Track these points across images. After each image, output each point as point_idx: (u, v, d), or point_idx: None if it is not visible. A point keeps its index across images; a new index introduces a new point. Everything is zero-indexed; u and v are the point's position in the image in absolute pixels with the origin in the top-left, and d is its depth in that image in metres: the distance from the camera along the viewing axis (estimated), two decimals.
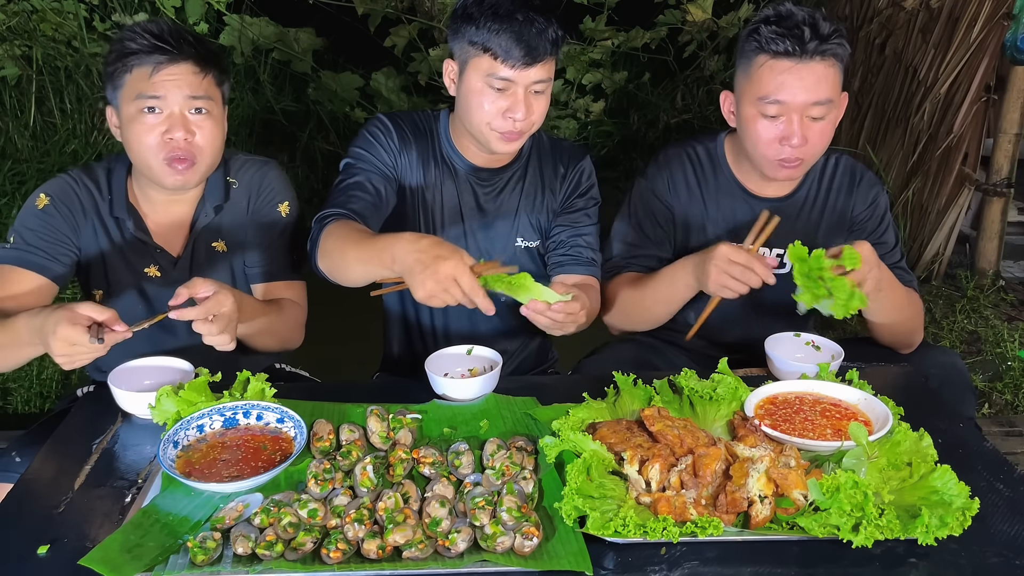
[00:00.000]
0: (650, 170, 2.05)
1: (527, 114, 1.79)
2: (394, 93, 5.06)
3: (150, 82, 1.72)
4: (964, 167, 4.04)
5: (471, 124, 1.84)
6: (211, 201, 1.90)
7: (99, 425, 1.56)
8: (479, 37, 1.74)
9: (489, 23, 1.73)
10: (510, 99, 1.77)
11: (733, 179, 2.00)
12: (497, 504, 1.26)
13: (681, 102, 5.82)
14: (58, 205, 1.83)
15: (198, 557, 1.18)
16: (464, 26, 1.77)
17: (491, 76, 1.76)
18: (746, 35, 1.85)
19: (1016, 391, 3.24)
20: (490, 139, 1.83)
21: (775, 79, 1.78)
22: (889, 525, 1.19)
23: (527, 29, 1.72)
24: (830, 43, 1.77)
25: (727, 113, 1.96)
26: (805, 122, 1.80)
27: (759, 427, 1.43)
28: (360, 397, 1.63)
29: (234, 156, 1.97)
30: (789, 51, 1.76)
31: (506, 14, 1.73)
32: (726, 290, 1.70)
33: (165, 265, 1.89)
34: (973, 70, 3.97)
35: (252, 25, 4.72)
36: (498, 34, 1.72)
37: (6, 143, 4.48)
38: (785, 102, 1.79)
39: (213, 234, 1.92)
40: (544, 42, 1.74)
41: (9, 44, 4.46)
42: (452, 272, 1.42)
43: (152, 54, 1.72)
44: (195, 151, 1.78)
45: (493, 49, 1.73)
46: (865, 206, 2.03)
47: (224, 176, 1.92)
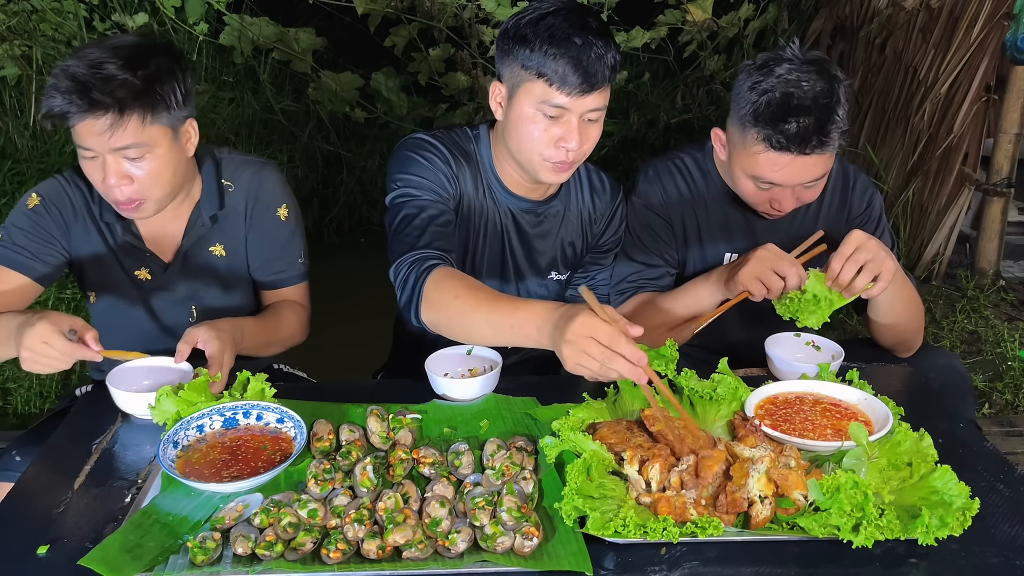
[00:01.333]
0: (641, 186, 2.01)
1: (581, 143, 1.68)
2: (394, 93, 5.06)
3: (76, 131, 1.65)
4: (964, 167, 4.04)
5: (519, 151, 1.73)
6: (207, 210, 1.87)
7: (99, 425, 1.56)
8: (533, 61, 1.63)
9: (545, 47, 1.61)
10: (564, 127, 1.67)
11: (725, 189, 1.99)
12: (497, 504, 1.26)
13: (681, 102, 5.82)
14: (48, 206, 1.82)
15: (198, 557, 1.18)
16: (517, 48, 1.65)
17: (545, 103, 1.65)
18: (746, 102, 1.74)
19: (1016, 391, 3.24)
20: (539, 169, 1.73)
21: (769, 167, 1.75)
22: (889, 525, 1.18)
23: (585, 54, 1.61)
24: (830, 140, 1.71)
25: (718, 147, 1.92)
26: (798, 190, 1.81)
27: (759, 427, 1.43)
28: (360, 397, 1.63)
29: (228, 157, 1.93)
30: (788, 149, 1.71)
31: (563, 37, 1.61)
32: (757, 283, 1.69)
33: (155, 269, 1.88)
34: (973, 70, 3.97)
35: (252, 25, 4.71)
36: (555, 59, 1.61)
37: (6, 143, 4.48)
38: (779, 183, 1.78)
39: (211, 240, 1.90)
40: (603, 68, 1.63)
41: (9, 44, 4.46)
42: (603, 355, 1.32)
43: (70, 105, 1.61)
44: (139, 192, 1.70)
45: (548, 75, 1.62)
46: (861, 209, 2.02)
47: (218, 180, 1.88)
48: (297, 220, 1.98)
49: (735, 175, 1.86)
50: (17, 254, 1.79)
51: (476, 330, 1.50)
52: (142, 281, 1.88)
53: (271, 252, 1.95)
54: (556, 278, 1.99)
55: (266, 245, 1.94)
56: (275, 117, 4.98)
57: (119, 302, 1.90)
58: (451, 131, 1.85)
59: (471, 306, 1.48)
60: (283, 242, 1.95)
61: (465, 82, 5.04)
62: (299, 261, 1.99)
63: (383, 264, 1.69)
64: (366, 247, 4.78)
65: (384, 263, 1.68)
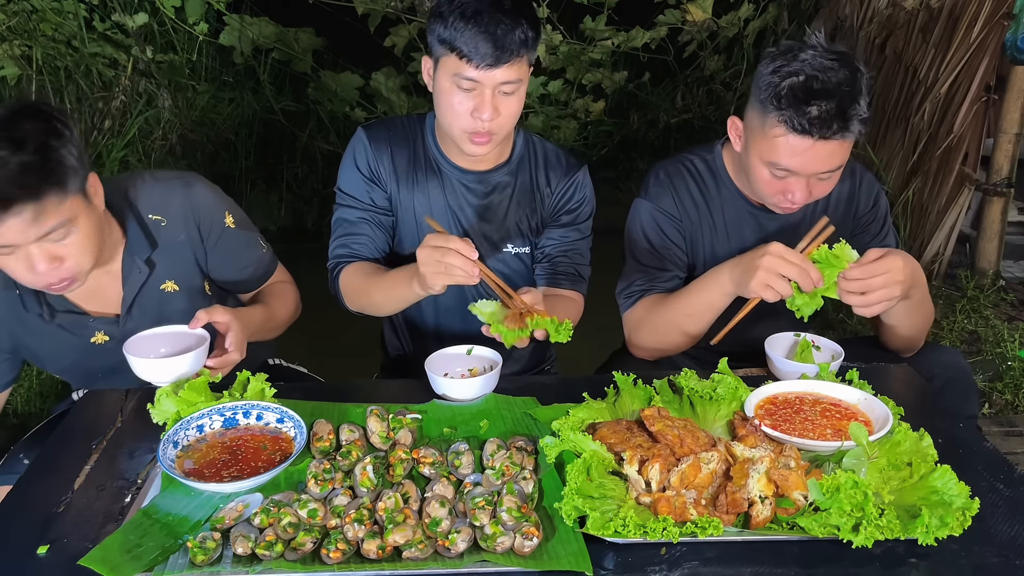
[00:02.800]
0: (652, 188, 2.00)
1: (494, 115, 1.74)
2: (394, 93, 5.06)
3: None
4: (964, 167, 4.04)
5: (444, 123, 1.83)
6: (139, 254, 1.76)
7: (99, 425, 1.56)
8: (447, 35, 1.71)
9: (456, 22, 1.69)
10: (477, 99, 1.74)
11: (735, 190, 1.98)
12: (497, 504, 1.26)
13: (681, 102, 5.82)
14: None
15: (198, 557, 1.18)
16: (435, 23, 1.74)
17: (458, 76, 1.72)
18: (767, 85, 1.73)
19: (1016, 391, 3.24)
20: (460, 140, 1.81)
21: (788, 151, 1.73)
22: (889, 525, 1.18)
23: (493, 28, 1.68)
24: (851, 127, 1.70)
25: (734, 138, 1.90)
26: (812, 181, 1.78)
27: (759, 427, 1.43)
28: (360, 397, 1.63)
29: (145, 187, 1.78)
30: (808, 132, 1.69)
31: (472, 13, 1.69)
32: (770, 290, 1.66)
33: (110, 329, 1.79)
34: (973, 70, 3.97)
35: (252, 25, 4.72)
36: (463, 33, 1.68)
37: None
38: (796, 171, 1.76)
39: (158, 279, 1.80)
40: (512, 42, 1.69)
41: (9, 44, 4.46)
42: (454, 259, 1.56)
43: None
44: (70, 269, 1.58)
45: (459, 48, 1.70)
46: (868, 208, 2.02)
47: (141, 219, 1.76)
48: (241, 216, 1.91)
49: (750, 164, 1.83)
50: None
51: (379, 302, 1.86)
52: (102, 346, 1.79)
53: (238, 262, 1.92)
54: (514, 251, 2.02)
55: (229, 257, 1.89)
56: (275, 117, 4.99)
57: (88, 369, 1.83)
58: (396, 118, 2.01)
59: (369, 286, 1.85)
60: (243, 245, 1.91)
61: None
62: (262, 250, 1.97)
63: None
64: None
65: None
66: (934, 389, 1.83)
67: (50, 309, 1.73)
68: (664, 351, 1.95)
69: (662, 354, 1.97)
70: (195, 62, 4.81)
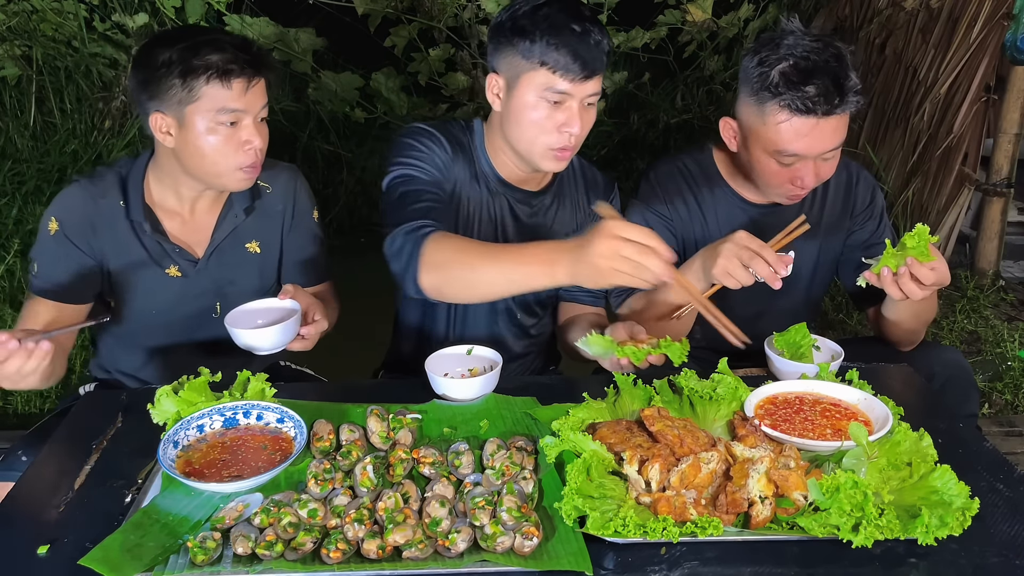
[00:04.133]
0: (643, 189, 2.01)
1: (581, 128, 1.74)
2: (394, 93, 5.06)
3: (229, 93, 1.72)
4: (964, 167, 4.04)
5: (520, 140, 1.78)
6: (240, 203, 1.90)
7: (99, 425, 1.56)
8: (536, 50, 1.68)
9: (546, 37, 1.67)
10: (566, 113, 1.72)
11: (729, 189, 1.99)
12: (497, 504, 1.26)
13: (681, 102, 5.82)
14: (69, 229, 1.81)
15: (198, 557, 1.18)
16: (517, 39, 1.70)
17: (549, 90, 1.70)
18: (758, 76, 1.76)
19: (1016, 391, 3.24)
20: (541, 156, 1.78)
21: (794, 135, 1.74)
22: (889, 525, 1.18)
23: (584, 41, 1.68)
24: (849, 99, 1.73)
25: (728, 140, 1.91)
26: (818, 163, 1.80)
27: (759, 427, 1.43)
28: (360, 397, 1.63)
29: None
30: (812, 110, 1.71)
31: (563, 26, 1.67)
32: (729, 277, 1.66)
33: (185, 266, 1.88)
34: (973, 70, 3.98)
35: (252, 25, 4.71)
36: (557, 48, 1.67)
37: (6, 143, 4.48)
38: (802, 154, 1.77)
39: (246, 235, 1.93)
40: (600, 54, 1.71)
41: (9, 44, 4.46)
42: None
43: (232, 64, 1.71)
44: (263, 153, 1.81)
45: (551, 62, 1.68)
46: (864, 206, 2.03)
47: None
48: (321, 220, 2.09)
49: (753, 160, 1.84)
50: (53, 287, 1.81)
51: (484, 279, 1.51)
52: (172, 280, 1.89)
53: (308, 254, 2.04)
54: None
55: (305, 247, 2.03)
56: (275, 117, 4.98)
57: (145, 302, 1.90)
58: (447, 123, 1.90)
59: (476, 257, 1.52)
60: (318, 244, 2.06)
61: (465, 82, 5.04)
62: (327, 255, 2.11)
63: (383, 264, 1.69)
64: (366, 247, 4.77)
65: (385, 263, 1.69)
66: (934, 388, 1.83)
67: (152, 224, 1.84)
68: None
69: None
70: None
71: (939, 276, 1.64)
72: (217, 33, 1.76)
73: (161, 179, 1.85)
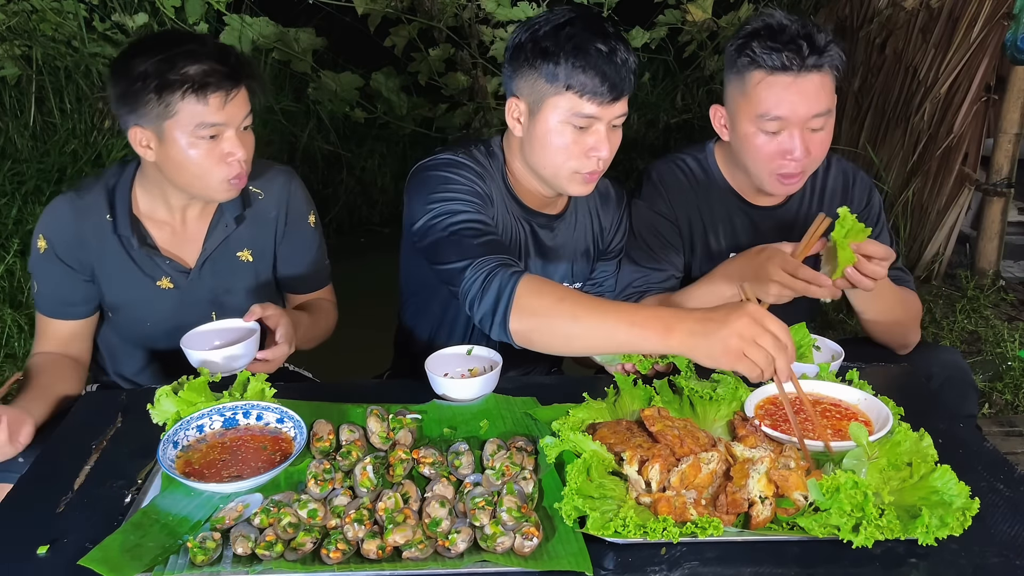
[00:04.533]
0: (645, 190, 2.00)
1: (609, 152, 1.69)
2: (394, 93, 5.06)
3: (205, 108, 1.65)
4: (964, 167, 4.04)
5: (545, 166, 1.71)
6: (230, 211, 1.86)
7: (99, 425, 1.56)
8: (560, 74, 1.61)
9: (571, 59, 1.60)
10: (594, 136, 1.66)
11: (728, 188, 1.98)
12: (497, 504, 1.26)
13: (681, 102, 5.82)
14: (57, 247, 1.79)
15: (198, 557, 1.18)
16: (539, 62, 1.63)
17: (576, 114, 1.64)
18: (735, 50, 1.79)
19: (1016, 391, 3.24)
20: (567, 182, 1.72)
21: (774, 95, 1.74)
22: (889, 525, 1.18)
23: (612, 62, 1.61)
24: (827, 54, 1.73)
25: (719, 127, 1.91)
26: (805, 134, 1.77)
27: (759, 427, 1.43)
28: (360, 397, 1.63)
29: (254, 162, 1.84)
30: (787, 66, 1.71)
31: (588, 47, 1.60)
32: (785, 298, 1.68)
33: (177, 277, 1.86)
34: (973, 70, 3.97)
35: (252, 25, 4.71)
36: (584, 71, 1.60)
37: (6, 143, 4.47)
38: (785, 117, 1.75)
39: (238, 244, 1.90)
40: (628, 74, 1.64)
41: (9, 44, 4.46)
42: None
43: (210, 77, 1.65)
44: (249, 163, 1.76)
45: (576, 87, 1.61)
46: (861, 207, 2.02)
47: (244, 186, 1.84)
48: (318, 221, 2.04)
49: (743, 140, 1.83)
50: (56, 306, 1.83)
51: (586, 333, 1.38)
52: (165, 292, 1.86)
53: (306, 259, 2.01)
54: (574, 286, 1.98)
55: (301, 253, 2.00)
56: (275, 117, 4.98)
57: (139, 314, 1.88)
58: (468, 148, 1.79)
59: (581, 309, 1.38)
60: (316, 248, 2.02)
61: (465, 82, 5.04)
62: (326, 263, 2.08)
63: (383, 264, 1.69)
64: (366, 247, 4.78)
65: (384, 264, 1.68)
66: (932, 389, 1.83)
67: (139, 237, 1.81)
68: None
69: None
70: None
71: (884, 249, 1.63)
72: (194, 43, 1.69)
73: (149, 190, 1.82)
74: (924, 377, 1.81)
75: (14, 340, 3.41)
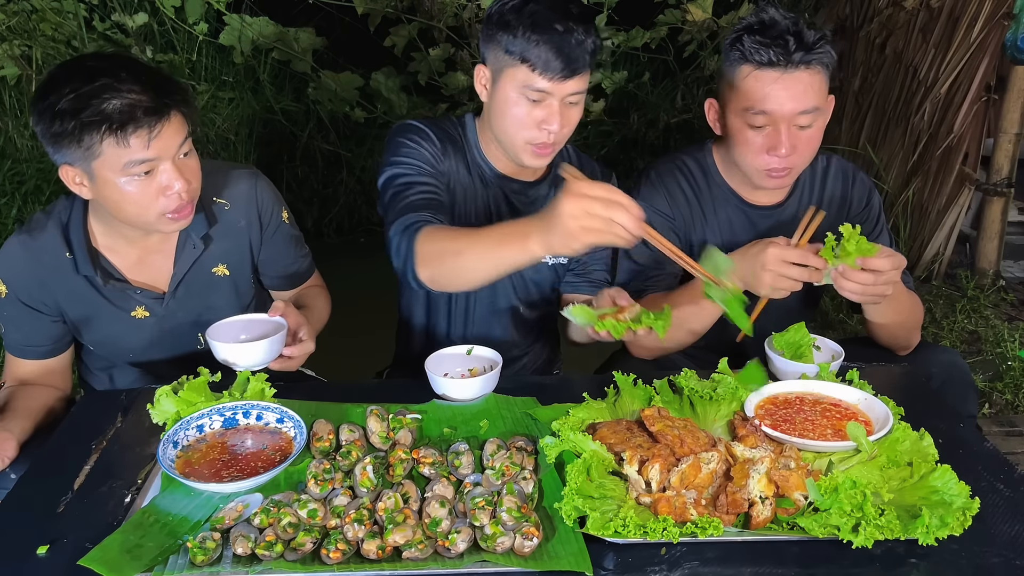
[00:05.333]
0: (644, 189, 2.00)
1: (561, 126, 1.74)
2: (394, 93, 5.06)
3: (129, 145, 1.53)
4: (964, 167, 4.04)
5: (503, 133, 1.79)
6: (196, 231, 1.77)
7: (99, 425, 1.56)
8: (516, 47, 1.68)
9: (528, 33, 1.67)
10: (545, 110, 1.72)
11: (727, 188, 1.99)
12: (497, 504, 1.26)
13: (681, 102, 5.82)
14: (19, 292, 1.72)
15: (198, 557, 1.18)
16: (501, 33, 1.71)
17: (527, 87, 1.70)
18: (729, 44, 1.82)
19: (1016, 391, 3.24)
20: (521, 151, 1.79)
21: (761, 90, 1.76)
22: (889, 525, 1.18)
23: (567, 40, 1.66)
24: (815, 52, 1.74)
25: (712, 122, 1.93)
26: (792, 131, 1.78)
27: (759, 427, 1.43)
28: (360, 397, 1.63)
29: (211, 169, 1.78)
30: (774, 61, 1.73)
31: (545, 24, 1.66)
32: (781, 291, 1.67)
33: (152, 305, 1.80)
34: (973, 70, 3.97)
35: (252, 25, 4.71)
36: (537, 45, 1.66)
37: (6, 143, 4.47)
38: (771, 112, 1.77)
39: (210, 261, 1.83)
40: (583, 54, 1.69)
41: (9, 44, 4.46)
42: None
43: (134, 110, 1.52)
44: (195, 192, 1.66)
45: (531, 60, 1.67)
46: (860, 208, 2.02)
47: (204, 200, 1.77)
48: (291, 215, 1.99)
49: (732, 134, 1.85)
50: (23, 347, 1.79)
51: (470, 264, 1.51)
52: (142, 321, 1.80)
53: (288, 256, 1.99)
54: (551, 262, 2.01)
55: (283, 252, 1.97)
56: (275, 117, 4.98)
57: (120, 345, 1.84)
58: (437, 119, 1.92)
59: (462, 244, 1.51)
60: (293, 242, 1.99)
61: (465, 82, 5.04)
62: (305, 250, 2.05)
63: (384, 264, 1.69)
64: (366, 247, 4.78)
65: (385, 264, 1.69)
66: (932, 388, 1.83)
67: (104, 273, 1.73)
68: (667, 349, 1.95)
69: (664, 352, 1.97)
70: (195, 62, 4.81)
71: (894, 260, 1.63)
72: (113, 72, 1.52)
73: (104, 221, 1.72)
74: (924, 377, 1.81)
75: None
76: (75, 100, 1.50)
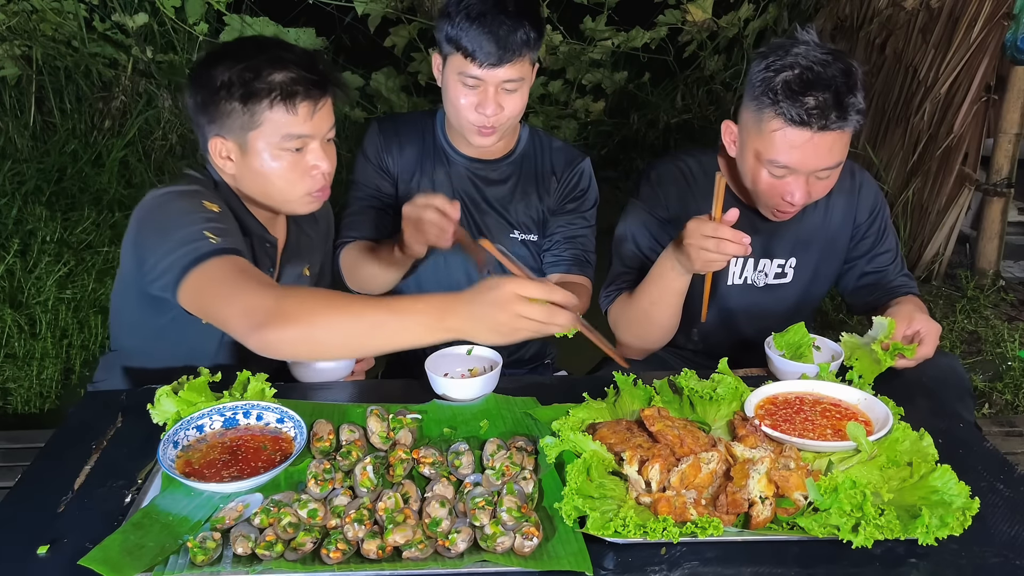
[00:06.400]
0: (643, 189, 1.99)
1: (496, 111, 1.85)
2: (394, 93, 5.06)
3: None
4: (964, 167, 4.04)
5: (452, 117, 1.93)
6: (306, 224, 1.90)
7: (99, 425, 1.56)
8: (453, 34, 1.80)
9: (462, 22, 1.78)
10: (480, 96, 1.84)
11: (730, 195, 1.96)
12: (497, 504, 1.26)
13: (681, 102, 5.83)
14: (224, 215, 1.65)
15: (198, 557, 1.18)
16: (443, 23, 1.83)
17: (463, 74, 1.82)
18: (761, 81, 1.71)
19: (1016, 391, 3.24)
20: (468, 132, 1.91)
21: (787, 146, 1.70)
22: (889, 525, 1.18)
23: (496, 29, 1.77)
24: (848, 118, 1.67)
25: (728, 143, 1.88)
26: (811, 180, 1.75)
27: (759, 427, 1.43)
28: (360, 397, 1.63)
29: None
30: (807, 123, 1.66)
31: (477, 15, 1.77)
32: (712, 264, 1.66)
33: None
34: (973, 70, 3.98)
35: (252, 25, 4.71)
36: (468, 33, 1.78)
37: (6, 143, 4.48)
38: (794, 168, 1.72)
39: (300, 258, 1.88)
40: (514, 43, 1.79)
41: (9, 44, 4.46)
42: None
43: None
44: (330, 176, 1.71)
45: (464, 47, 1.79)
46: (867, 214, 2.00)
47: None
48: None
49: (747, 167, 1.81)
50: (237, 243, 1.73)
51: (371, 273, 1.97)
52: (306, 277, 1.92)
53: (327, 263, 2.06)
54: (521, 237, 2.08)
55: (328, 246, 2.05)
56: None
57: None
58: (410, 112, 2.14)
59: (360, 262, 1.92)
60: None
61: None
62: None
63: None
64: None
65: None
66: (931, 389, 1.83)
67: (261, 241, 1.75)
68: (647, 345, 1.97)
69: (646, 348, 1.98)
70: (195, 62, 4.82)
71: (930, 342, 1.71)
72: (280, 49, 1.62)
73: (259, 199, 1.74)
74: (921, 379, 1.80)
75: (14, 340, 3.41)
76: (244, 70, 1.57)
